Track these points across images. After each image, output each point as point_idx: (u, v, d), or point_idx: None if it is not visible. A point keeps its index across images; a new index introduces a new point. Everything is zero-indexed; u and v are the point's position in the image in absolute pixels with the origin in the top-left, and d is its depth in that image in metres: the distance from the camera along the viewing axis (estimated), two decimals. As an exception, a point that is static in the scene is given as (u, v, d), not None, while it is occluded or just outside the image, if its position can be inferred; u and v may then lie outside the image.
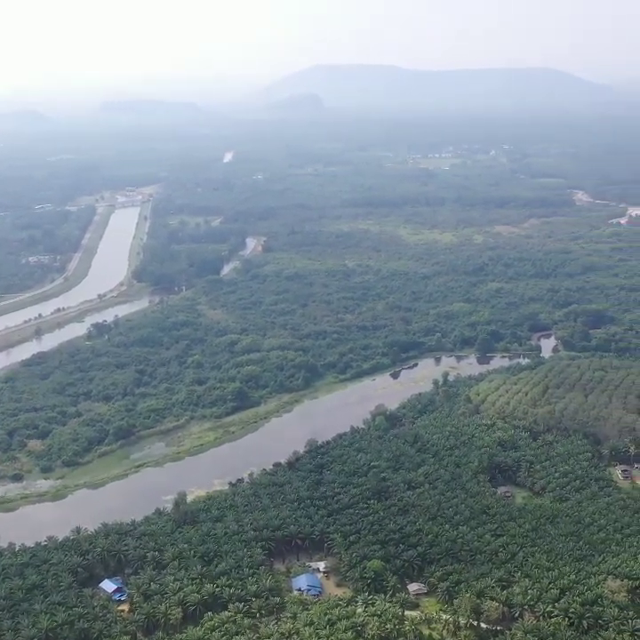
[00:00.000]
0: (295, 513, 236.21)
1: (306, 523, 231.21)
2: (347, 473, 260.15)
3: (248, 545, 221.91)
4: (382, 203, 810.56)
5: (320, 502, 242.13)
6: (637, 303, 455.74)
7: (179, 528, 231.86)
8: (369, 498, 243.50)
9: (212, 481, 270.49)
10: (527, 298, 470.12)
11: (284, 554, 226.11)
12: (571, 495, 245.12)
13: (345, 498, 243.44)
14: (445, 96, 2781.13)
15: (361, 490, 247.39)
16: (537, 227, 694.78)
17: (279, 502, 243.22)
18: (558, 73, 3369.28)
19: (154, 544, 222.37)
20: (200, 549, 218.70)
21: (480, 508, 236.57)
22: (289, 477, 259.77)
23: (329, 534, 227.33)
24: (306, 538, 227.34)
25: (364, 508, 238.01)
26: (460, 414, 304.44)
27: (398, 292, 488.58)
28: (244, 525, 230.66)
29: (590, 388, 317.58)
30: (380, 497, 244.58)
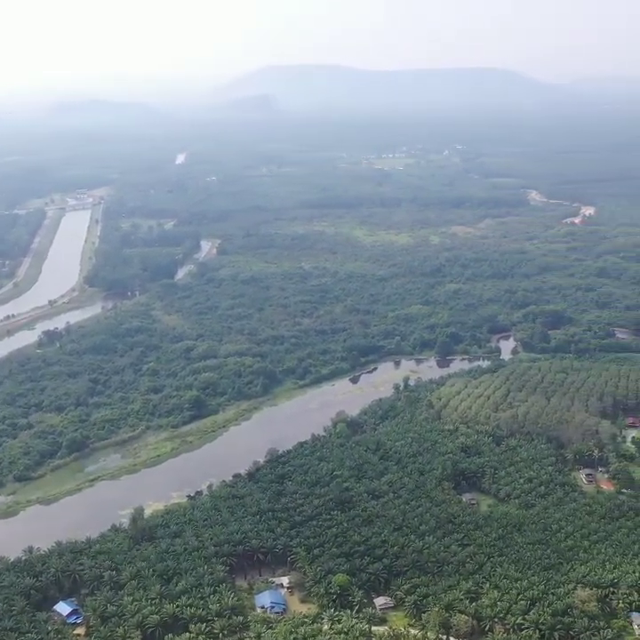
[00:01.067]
0: (257, 526, 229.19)
1: (268, 536, 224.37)
2: (309, 483, 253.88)
3: (209, 561, 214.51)
4: (337, 204, 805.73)
5: (282, 514, 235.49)
6: (594, 303, 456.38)
7: (136, 545, 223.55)
8: (332, 509, 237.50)
9: (170, 494, 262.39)
10: (485, 299, 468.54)
11: (246, 569, 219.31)
12: (536, 501, 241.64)
13: (308, 509, 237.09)
14: (399, 96, 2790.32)
15: (324, 500, 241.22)
16: (492, 227, 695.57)
17: (240, 515, 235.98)
18: (509, 73, 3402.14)
19: (110, 563, 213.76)
20: (159, 567, 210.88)
21: (446, 517, 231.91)
22: (249, 489, 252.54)
23: (292, 548, 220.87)
24: (268, 552, 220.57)
25: (328, 520, 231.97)
26: (423, 420, 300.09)
27: (356, 295, 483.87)
28: (204, 541, 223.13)
29: (552, 390, 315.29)
30: (343, 507, 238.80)
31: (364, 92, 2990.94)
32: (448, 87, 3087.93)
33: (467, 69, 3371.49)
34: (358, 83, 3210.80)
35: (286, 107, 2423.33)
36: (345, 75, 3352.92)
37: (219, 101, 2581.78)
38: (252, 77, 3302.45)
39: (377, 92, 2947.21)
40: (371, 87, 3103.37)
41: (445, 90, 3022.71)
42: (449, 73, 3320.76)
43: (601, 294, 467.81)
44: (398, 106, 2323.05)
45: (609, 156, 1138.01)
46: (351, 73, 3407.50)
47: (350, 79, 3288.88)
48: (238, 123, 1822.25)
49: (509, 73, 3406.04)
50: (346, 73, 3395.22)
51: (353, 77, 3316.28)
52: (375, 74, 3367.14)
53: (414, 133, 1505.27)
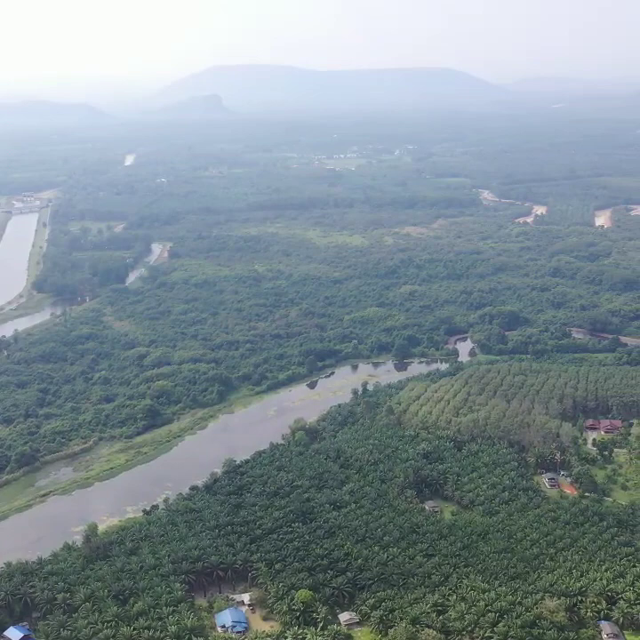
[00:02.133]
0: (215, 541, 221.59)
1: (227, 551, 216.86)
2: (268, 494, 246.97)
3: (166, 580, 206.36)
4: (290, 205, 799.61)
5: (241, 528, 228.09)
6: (549, 303, 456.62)
7: (90, 564, 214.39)
8: (293, 521, 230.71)
9: (125, 508, 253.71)
10: (441, 300, 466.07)
11: (206, 587, 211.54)
12: (500, 508, 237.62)
13: (268, 522, 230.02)
14: (348, 96, 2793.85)
15: (284, 512, 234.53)
16: (446, 227, 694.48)
17: (198, 530, 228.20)
18: (456, 73, 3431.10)
19: (63, 584, 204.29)
20: (114, 588, 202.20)
21: (409, 527, 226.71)
22: (207, 502, 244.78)
23: (252, 563, 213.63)
24: (228, 568, 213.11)
25: (289, 533, 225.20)
26: (383, 426, 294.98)
27: (311, 298, 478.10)
28: (161, 558, 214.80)
29: (512, 393, 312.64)
30: (304, 519, 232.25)
31: (316, 92, 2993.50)
32: (397, 87, 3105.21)
33: (415, 69, 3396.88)
34: (307, 83, 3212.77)
35: (237, 107, 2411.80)
36: (298, 75, 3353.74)
37: (168, 102, 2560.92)
38: (202, 77, 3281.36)
39: (329, 93, 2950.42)
40: (323, 87, 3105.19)
41: (395, 90, 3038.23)
42: (398, 73, 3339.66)
43: (556, 294, 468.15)
44: (350, 106, 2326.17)
45: (558, 156, 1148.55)
46: (304, 73, 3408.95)
47: (299, 79, 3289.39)
48: (188, 123, 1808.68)
49: (457, 73, 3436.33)
50: (299, 73, 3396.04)
51: (301, 78, 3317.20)
52: (327, 74, 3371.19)
53: (365, 133, 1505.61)
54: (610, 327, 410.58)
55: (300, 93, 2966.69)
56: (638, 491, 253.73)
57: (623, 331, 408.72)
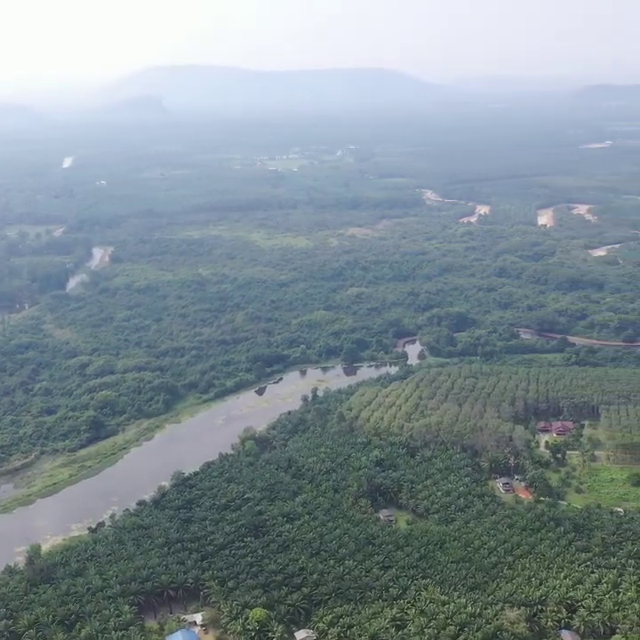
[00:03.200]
0: (165, 559, 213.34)
1: (178, 570, 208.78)
2: (219, 508, 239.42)
3: (115, 602, 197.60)
4: (233, 207, 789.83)
5: (192, 544, 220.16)
6: (496, 304, 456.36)
7: (34, 588, 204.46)
8: (245, 535, 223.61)
9: (69, 526, 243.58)
10: (389, 302, 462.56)
11: (156, 608, 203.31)
12: (456, 515, 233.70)
13: (219, 537, 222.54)
14: (289, 96, 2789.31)
15: (236, 526, 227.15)
16: (390, 228, 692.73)
17: (146, 548, 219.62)
18: (395, 73, 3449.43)
19: (5, 610, 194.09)
20: (60, 612, 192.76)
21: (365, 538, 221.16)
22: (155, 517, 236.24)
23: (204, 581, 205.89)
24: (179, 587, 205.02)
25: (241, 548, 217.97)
26: (334, 433, 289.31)
27: (257, 302, 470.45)
28: (108, 579, 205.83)
29: (463, 397, 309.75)
30: (257, 533, 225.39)
31: (258, 93, 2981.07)
32: (338, 88, 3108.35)
33: (356, 70, 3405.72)
34: (248, 83, 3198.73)
35: (177, 107, 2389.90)
36: (240, 76, 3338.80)
37: (107, 103, 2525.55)
38: (140, 77, 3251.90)
39: (268, 93, 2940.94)
40: (265, 88, 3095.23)
41: (335, 90, 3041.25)
42: (339, 73, 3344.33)
43: (502, 294, 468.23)
44: (291, 106, 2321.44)
45: (498, 155, 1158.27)
46: (246, 74, 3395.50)
47: (240, 79, 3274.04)
48: (127, 124, 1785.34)
49: (397, 73, 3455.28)
50: (241, 74, 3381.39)
51: (242, 78, 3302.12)
52: (268, 74, 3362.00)
53: (307, 134, 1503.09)
54: (557, 327, 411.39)
55: (242, 94, 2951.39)
56: (592, 494, 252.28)
57: (570, 330, 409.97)
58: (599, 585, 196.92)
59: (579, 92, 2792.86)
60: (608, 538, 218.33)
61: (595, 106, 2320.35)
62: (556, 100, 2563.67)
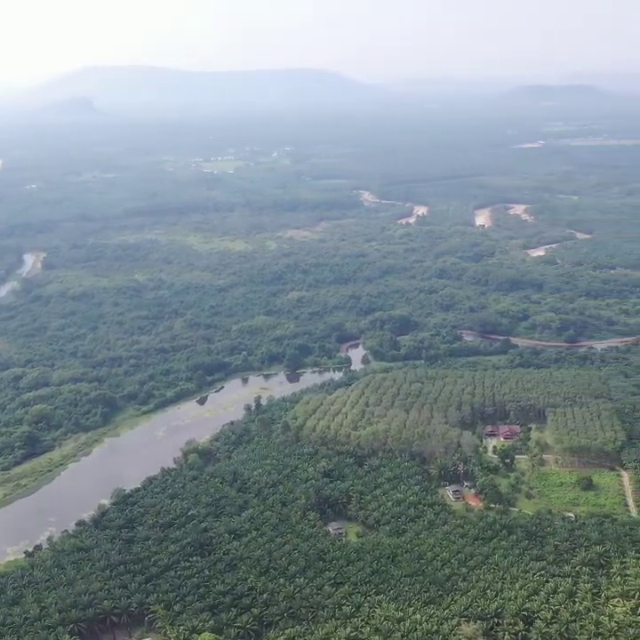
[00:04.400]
0: (107, 583, 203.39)
1: (121, 594, 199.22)
2: (162, 526, 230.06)
3: (54, 631, 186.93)
4: (168, 210, 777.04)
5: (135, 567, 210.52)
6: (438, 306, 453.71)
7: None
8: (191, 554, 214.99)
9: (5, 549, 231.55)
10: (330, 306, 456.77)
11: (99, 635, 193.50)
12: (407, 526, 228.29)
13: (163, 557, 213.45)
14: (224, 97, 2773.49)
15: (181, 545, 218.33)
16: (329, 230, 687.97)
17: (87, 572, 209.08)
18: (332, 74, 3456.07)
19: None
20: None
21: (315, 554, 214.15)
22: (96, 538, 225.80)
23: (149, 605, 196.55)
24: (123, 613, 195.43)
25: (187, 568, 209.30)
26: (280, 443, 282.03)
27: (196, 307, 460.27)
28: (47, 607, 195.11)
29: (410, 402, 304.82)
30: (203, 552, 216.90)
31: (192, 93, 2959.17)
32: (270, 88, 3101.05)
33: (291, 70, 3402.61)
34: (186, 85, 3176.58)
35: (110, 109, 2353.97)
36: (172, 76, 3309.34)
37: (36, 104, 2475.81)
38: (72, 79, 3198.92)
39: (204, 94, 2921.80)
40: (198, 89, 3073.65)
41: (268, 91, 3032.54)
42: (271, 74, 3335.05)
43: (444, 296, 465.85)
44: (225, 107, 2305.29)
45: (435, 156, 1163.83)
46: (178, 75, 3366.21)
47: (178, 81, 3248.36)
48: (58, 126, 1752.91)
49: (332, 74, 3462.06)
50: (173, 75, 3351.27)
51: (181, 79, 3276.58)
52: (202, 75, 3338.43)
53: (242, 135, 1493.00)
54: (499, 328, 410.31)
55: (175, 95, 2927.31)
56: (543, 499, 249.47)
57: (512, 332, 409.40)
58: (555, 595, 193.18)
59: (512, 92, 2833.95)
60: (561, 545, 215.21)
61: (528, 106, 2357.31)
62: (490, 100, 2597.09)
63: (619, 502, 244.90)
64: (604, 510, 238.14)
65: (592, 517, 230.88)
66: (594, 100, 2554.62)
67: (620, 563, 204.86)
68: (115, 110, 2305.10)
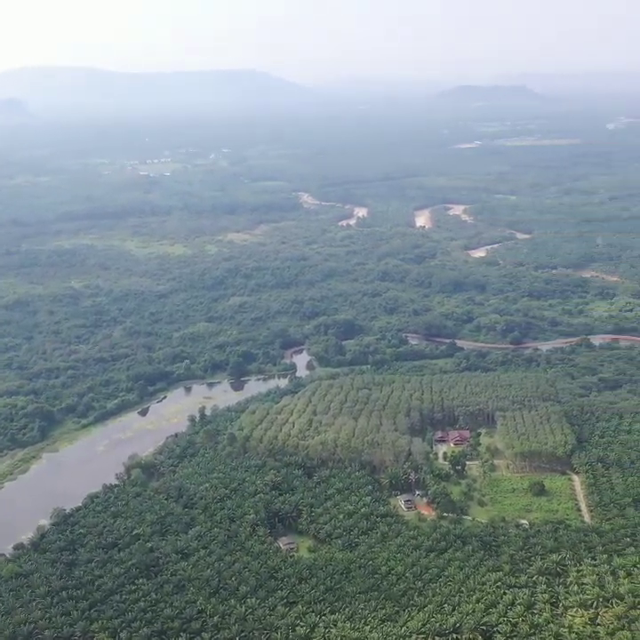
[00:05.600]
0: (48, 611, 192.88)
1: (63, 622, 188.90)
2: (105, 547, 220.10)
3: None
4: (105, 214, 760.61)
5: (78, 592, 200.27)
6: (382, 309, 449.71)
7: None
8: (137, 576, 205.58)
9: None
10: (273, 311, 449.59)
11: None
12: (360, 540, 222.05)
13: (107, 581, 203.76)
14: (157, 98, 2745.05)
15: (125, 567, 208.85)
16: (269, 233, 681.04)
17: (27, 599, 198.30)
18: (265, 75, 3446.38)
19: None
20: None
21: (266, 572, 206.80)
22: (35, 563, 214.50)
23: (94, 633, 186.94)
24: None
25: (133, 592, 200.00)
26: (226, 456, 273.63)
27: (135, 315, 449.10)
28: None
29: (358, 410, 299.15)
30: (149, 573, 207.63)
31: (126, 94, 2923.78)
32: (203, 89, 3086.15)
33: (222, 71, 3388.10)
34: (120, 85, 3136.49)
35: (43, 111, 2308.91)
36: (107, 77, 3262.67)
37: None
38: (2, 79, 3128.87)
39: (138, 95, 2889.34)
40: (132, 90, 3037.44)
41: (205, 92, 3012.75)
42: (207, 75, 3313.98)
43: (387, 299, 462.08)
44: (159, 109, 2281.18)
45: (373, 156, 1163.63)
46: (114, 75, 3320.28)
47: (112, 82, 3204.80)
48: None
49: (265, 75, 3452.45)
50: (108, 75, 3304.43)
51: (115, 80, 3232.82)
52: (134, 76, 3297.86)
53: (178, 136, 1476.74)
54: (445, 331, 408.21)
55: (110, 96, 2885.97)
56: (495, 506, 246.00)
57: (458, 334, 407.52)
58: (513, 607, 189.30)
59: (445, 92, 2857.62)
60: (517, 554, 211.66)
61: (461, 106, 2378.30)
62: (423, 100, 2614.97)
63: (571, 507, 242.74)
64: (558, 516, 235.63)
65: (546, 524, 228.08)
66: (525, 100, 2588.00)
67: (577, 571, 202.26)
68: (49, 112, 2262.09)
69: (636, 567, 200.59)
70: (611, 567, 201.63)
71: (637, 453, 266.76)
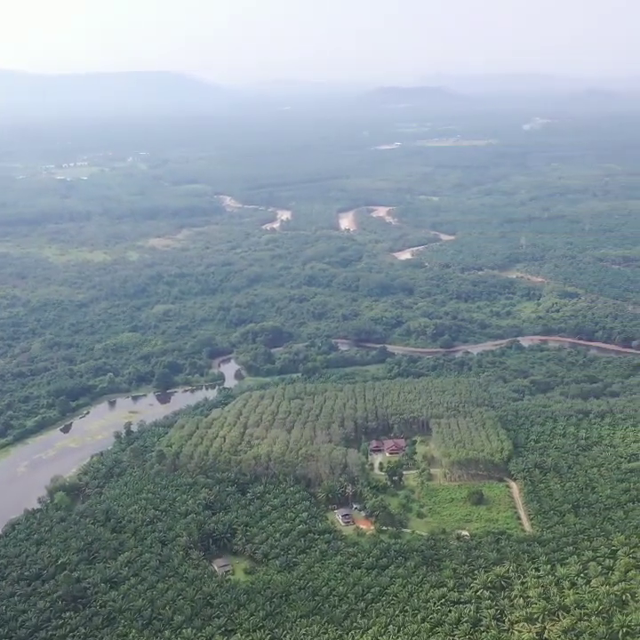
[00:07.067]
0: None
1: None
2: (29, 579, 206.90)
3: None
4: (20, 220, 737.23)
5: (0, 629, 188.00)
6: (310, 314, 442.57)
7: None
8: (63, 610, 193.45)
9: None
10: (199, 319, 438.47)
11: None
12: (299, 559, 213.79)
13: (32, 616, 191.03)
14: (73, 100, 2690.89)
15: (51, 600, 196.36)
16: (192, 237, 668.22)
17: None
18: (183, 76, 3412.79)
19: None
20: None
21: (202, 599, 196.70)
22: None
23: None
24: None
25: (60, 626, 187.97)
26: (155, 474, 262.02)
27: (55, 326, 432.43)
28: None
29: (291, 421, 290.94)
30: (77, 606, 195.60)
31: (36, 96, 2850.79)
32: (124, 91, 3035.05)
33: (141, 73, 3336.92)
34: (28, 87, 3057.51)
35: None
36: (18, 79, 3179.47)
37: None
38: None
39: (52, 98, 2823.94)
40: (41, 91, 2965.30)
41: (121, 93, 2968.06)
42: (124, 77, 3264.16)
43: (315, 304, 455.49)
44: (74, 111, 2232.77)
45: (294, 158, 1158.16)
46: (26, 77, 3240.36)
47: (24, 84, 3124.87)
48: None
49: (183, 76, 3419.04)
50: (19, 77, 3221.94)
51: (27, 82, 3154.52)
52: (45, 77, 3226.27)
53: (94, 139, 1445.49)
54: (375, 336, 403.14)
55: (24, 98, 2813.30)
56: (435, 517, 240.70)
57: (388, 339, 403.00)
58: (459, 625, 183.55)
59: (366, 94, 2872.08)
60: (459, 568, 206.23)
61: (383, 108, 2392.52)
62: (345, 102, 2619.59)
63: (511, 516, 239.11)
64: (498, 526, 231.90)
65: (487, 535, 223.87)
66: (444, 102, 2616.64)
67: (521, 583, 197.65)
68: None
69: (579, 577, 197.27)
70: (555, 578, 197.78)
71: (574, 457, 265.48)
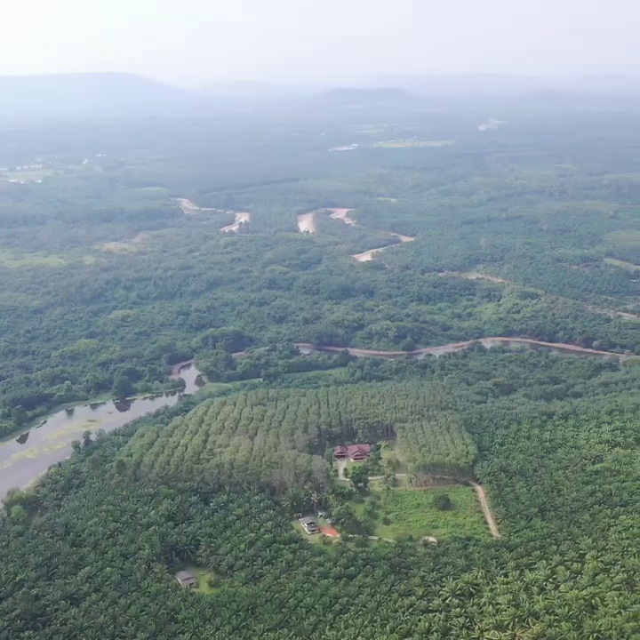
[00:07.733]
0: None
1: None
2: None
3: None
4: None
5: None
6: (271, 318, 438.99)
7: None
8: (22, 629, 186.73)
9: None
10: (157, 324, 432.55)
11: None
12: (264, 570, 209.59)
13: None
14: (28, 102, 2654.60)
15: (9, 619, 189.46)
16: (149, 241, 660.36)
17: None
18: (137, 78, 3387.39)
19: None
20: None
21: (166, 614, 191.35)
22: None
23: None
24: None
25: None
26: (115, 485, 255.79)
27: (10, 333, 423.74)
28: None
29: (253, 428, 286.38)
30: (36, 624, 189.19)
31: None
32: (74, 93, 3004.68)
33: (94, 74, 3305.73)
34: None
35: None
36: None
37: None
38: None
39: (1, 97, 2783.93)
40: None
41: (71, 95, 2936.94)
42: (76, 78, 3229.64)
43: (276, 308, 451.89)
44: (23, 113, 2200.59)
45: (252, 161, 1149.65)
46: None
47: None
48: None
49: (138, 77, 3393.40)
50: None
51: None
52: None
53: (47, 142, 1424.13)
54: (336, 339, 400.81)
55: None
56: (401, 523, 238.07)
57: (349, 342, 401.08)
58: (429, 634, 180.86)
59: (323, 95, 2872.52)
60: (428, 575, 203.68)
61: (339, 109, 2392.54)
62: (302, 103, 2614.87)
63: (478, 520, 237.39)
64: (465, 531, 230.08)
65: (455, 540, 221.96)
66: (400, 103, 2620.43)
67: (490, 590, 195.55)
68: None
69: (548, 582, 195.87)
70: (524, 583, 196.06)
71: (539, 460, 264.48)
